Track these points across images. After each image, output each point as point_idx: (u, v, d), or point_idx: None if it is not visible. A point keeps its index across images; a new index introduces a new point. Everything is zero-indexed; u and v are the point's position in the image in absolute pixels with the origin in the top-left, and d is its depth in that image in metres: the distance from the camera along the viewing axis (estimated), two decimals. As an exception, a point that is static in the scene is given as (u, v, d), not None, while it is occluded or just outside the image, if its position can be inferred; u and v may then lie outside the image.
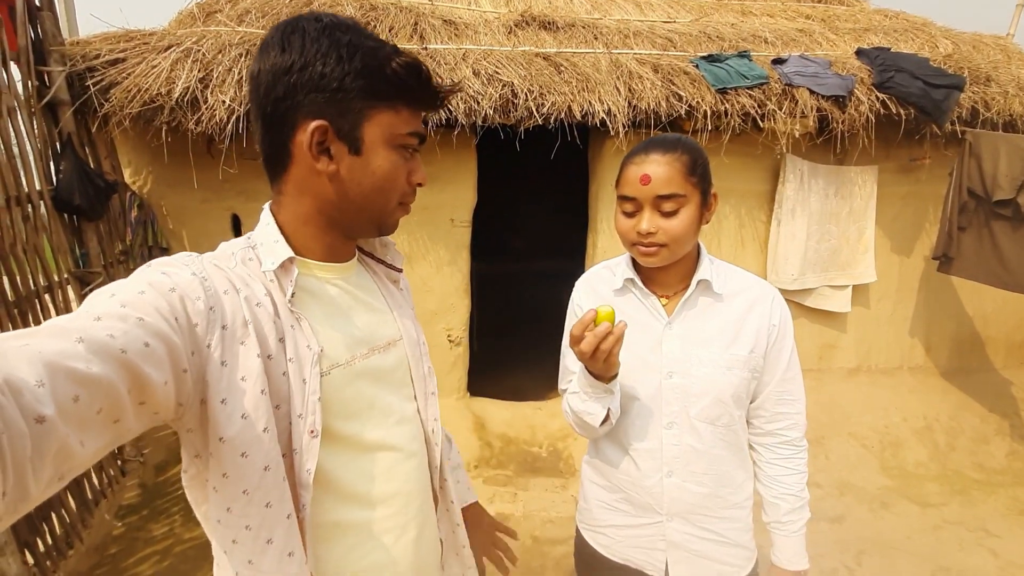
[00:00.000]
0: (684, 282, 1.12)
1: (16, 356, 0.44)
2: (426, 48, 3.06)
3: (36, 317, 2.29)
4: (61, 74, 2.50)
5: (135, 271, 0.65)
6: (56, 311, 2.43)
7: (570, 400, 1.12)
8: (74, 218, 2.60)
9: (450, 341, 3.43)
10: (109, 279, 2.68)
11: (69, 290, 2.55)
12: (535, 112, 2.83)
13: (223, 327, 0.65)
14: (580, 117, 2.88)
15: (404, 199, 0.80)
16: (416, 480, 0.87)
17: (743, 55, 3.20)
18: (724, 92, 3.00)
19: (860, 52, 3.38)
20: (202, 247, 0.75)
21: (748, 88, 3.02)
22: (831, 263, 3.51)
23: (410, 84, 0.73)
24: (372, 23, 3.21)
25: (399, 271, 0.95)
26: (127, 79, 2.64)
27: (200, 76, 2.66)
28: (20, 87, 2.35)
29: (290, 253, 0.73)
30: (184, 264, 0.67)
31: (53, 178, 2.49)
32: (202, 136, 2.73)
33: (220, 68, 2.70)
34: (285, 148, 0.73)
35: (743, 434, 1.16)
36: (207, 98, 2.63)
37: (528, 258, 5.49)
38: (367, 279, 0.89)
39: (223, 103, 2.62)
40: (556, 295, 2.93)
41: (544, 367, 4.19)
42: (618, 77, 2.99)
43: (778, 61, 3.21)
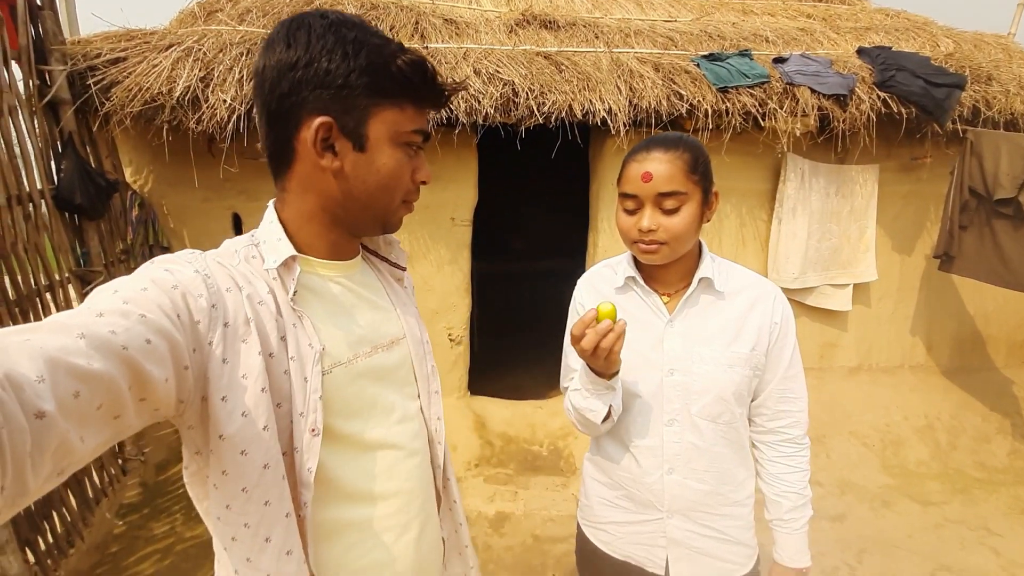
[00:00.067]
0: (686, 280, 1.12)
1: (17, 351, 0.44)
2: (427, 47, 3.06)
3: (37, 316, 2.29)
4: (62, 73, 2.51)
5: (139, 268, 0.65)
6: (57, 310, 2.44)
7: (572, 397, 1.13)
8: (75, 217, 2.61)
9: (451, 340, 3.43)
10: (110, 278, 2.65)
11: (70, 289, 2.56)
12: (536, 111, 2.83)
13: (225, 324, 0.65)
14: (581, 116, 2.87)
15: (408, 197, 0.80)
16: (418, 479, 0.87)
17: (744, 54, 3.19)
18: (725, 91, 2.99)
19: (861, 51, 3.37)
20: (203, 246, 0.74)
21: (749, 87, 3.02)
22: (832, 262, 3.51)
23: (415, 82, 0.73)
24: (373, 22, 3.20)
25: (403, 269, 0.94)
26: (128, 78, 2.64)
27: (201, 75, 2.66)
28: (21, 86, 2.35)
29: (292, 251, 0.73)
30: (187, 261, 0.67)
31: (54, 177, 2.50)
32: (203, 135, 2.74)
33: (221, 67, 2.70)
34: (289, 145, 0.72)
35: (744, 432, 1.16)
36: (208, 97, 2.63)
37: (529, 257, 5.48)
38: (371, 277, 0.89)
39: (224, 102, 2.62)
40: (557, 294, 2.93)
41: (544, 366, 4.21)
42: (619, 76, 2.99)
43: (779, 60, 3.21)
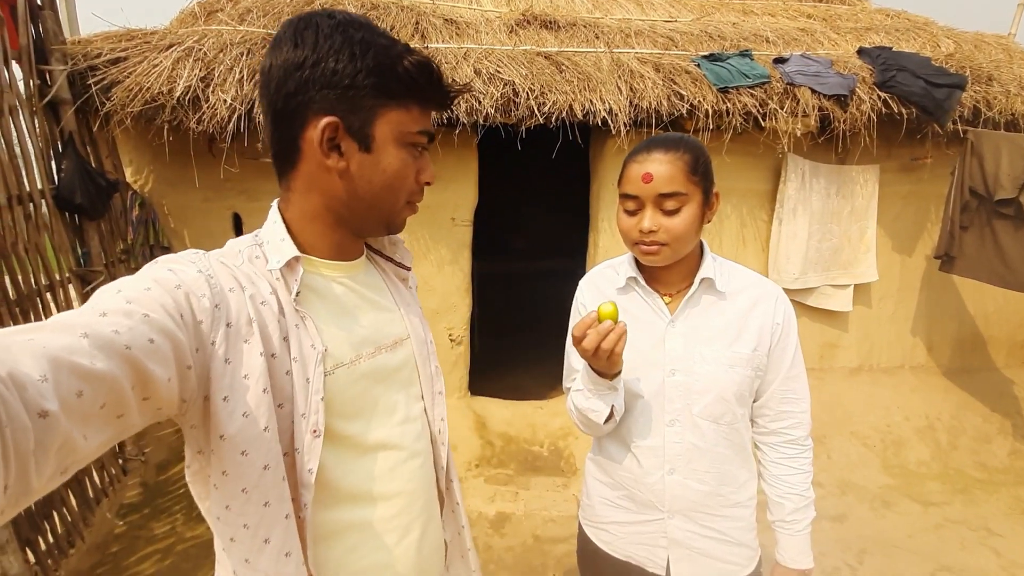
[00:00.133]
0: (687, 280, 1.12)
1: (21, 350, 0.44)
2: (427, 47, 3.06)
3: (37, 316, 2.29)
4: (63, 73, 2.51)
5: (142, 268, 0.65)
6: (57, 310, 2.44)
7: (574, 398, 1.12)
8: (75, 217, 2.61)
9: (451, 340, 3.43)
10: (110, 278, 2.68)
11: (70, 289, 2.56)
12: (536, 111, 2.83)
13: (227, 324, 0.65)
14: (581, 116, 2.87)
15: (412, 198, 0.80)
16: (420, 480, 0.86)
17: (745, 54, 3.19)
18: (726, 91, 2.99)
19: (862, 51, 3.37)
20: (203, 246, 0.74)
21: (750, 87, 3.02)
22: (833, 262, 3.51)
23: (421, 83, 0.73)
24: (374, 22, 3.21)
25: (408, 269, 0.94)
26: (128, 78, 2.64)
27: (201, 75, 2.66)
28: (22, 86, 2.36)
29: (295, 252, 0.72)
30: (190, 261, 0.67)
31: (55, 177, 2.50)
32: (203, 135, 2.74)
33: (221, 67, 2.70)
34: (295, 144, 0.72)
35: (746, 433, 1.15)
36: (208, 97, 2.63)
37: (529, 257, 5.48)
38: (376, 277, 0.88)
39: (224, 102, 2.62)
40: (557, 294, 2.93)
41: (545, 366, 4.21)
42: (619, 76, 2.99)
43: (780, 60, 3.21)
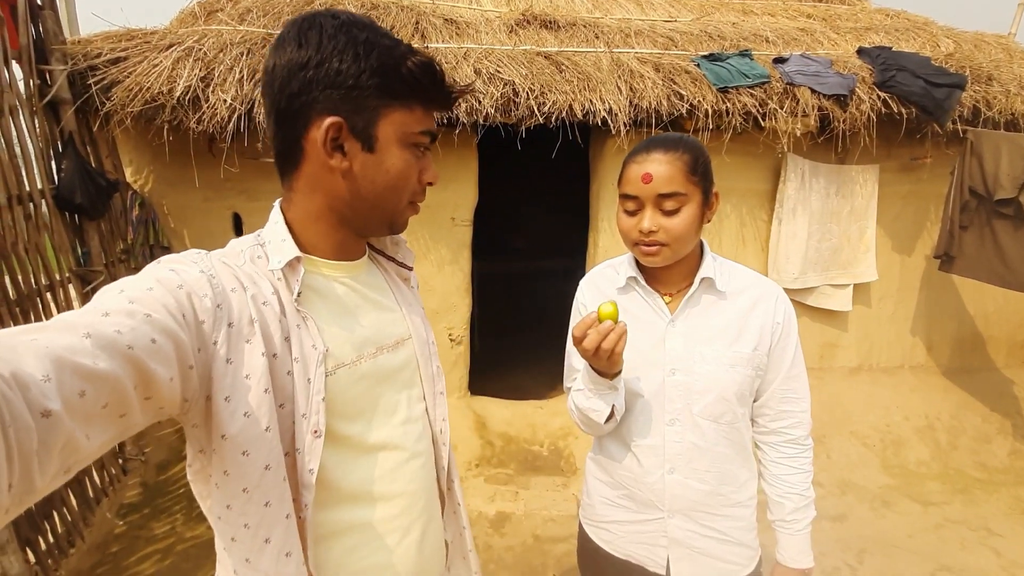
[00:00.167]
0: (687, 280, 1.12)
1: (24, 350, 0.44)
2: (427, 47, 3.06)
3: (38, 315, 2.29)
4: (63, 73, 2.51)
5: (145, 268, 0.65)
6: (58, 309, 2.44)
7: (575, 397, 1.13)
8: (75, 217, 2.61)
9: (451, 340, 3.43)
10: (110, 278, 2.69)
11: (71, 289, 2.56)
12: (536, 111, 2.83)
13: (229, 324, 0.65)
14: (581, 116, 2.87)
15: (415, 198, 0.80)
16: (421, 480, 0.86)
17: (744, 54, 3.20)
18: (725, 91, 2.99)
19: (861, 51, 3.38)
20: (204, 246, 0.74)
21: (749, 87, 3.02)
22: (832, 262, 3.51)
23: (425, 83, 0.73)
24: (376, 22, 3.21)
25: (410, 269, 0.94)
26: (128, 78, 2.64)
27: (201, 75, 2.66)
28: (22, 86, 2.35)
29: (297, 252, 0.72)
30: (193, 261, 0.67)
31: (55, 177, 2.50)
32: (203, 135, 2.74)
33: (221, 67, 2.70)
34: (298, 144, 0.72)
35: (747, 432, 1.16)
36: (208, 97, 2.63)
37: (529, 257, 5.49)
38: (378, 277, 0.88)
39: (224, 102, 2.62)
40: (557, 294, 2.94)
41: (545, 366, 4.22)
42: (619, 76, 2.99)
43: (779, 60, 3.21)
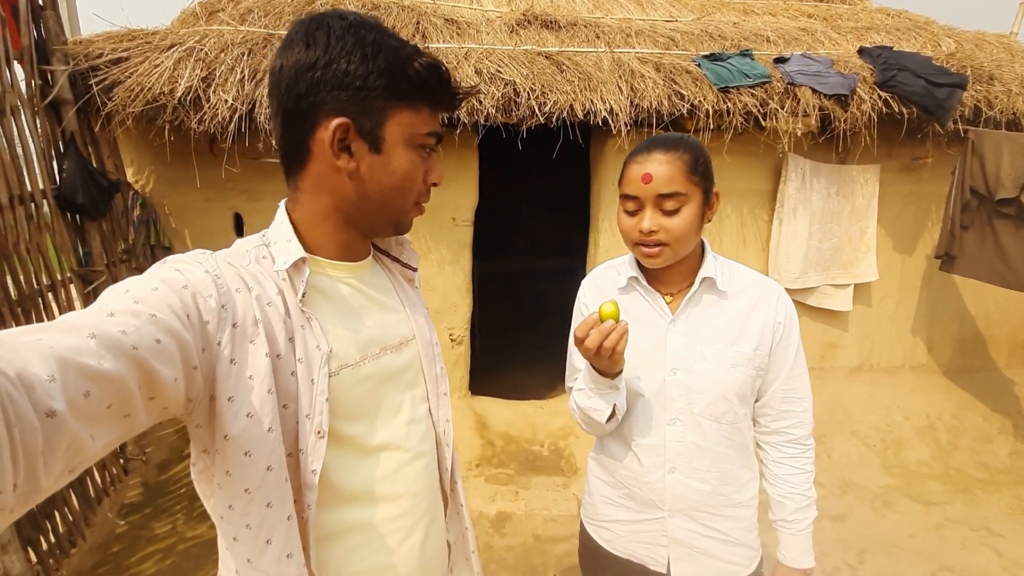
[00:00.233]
0: (688, 279, 1.12)
1: (28, 351, 0.44)
2: (428, 47, 3.06)
3: (39, 316, 2.30)
4: (64, 73, 2.51)
5: (150, 268, 0.65)
6: (59, 310, 2.44)
7: (576, 397, 1.13)
8: (77, 217, 2.61)
9: (452, 340, 3.43)
10: (112, 278, 2.69)
11: (72, 289, 2.56)
12: (537, 111, 2.83)
13: (234, 325, 0.65)
14: (582, 116, 2.88)
15: (420, 198, 0.80)
16: (424, 481, 0.86)
17: (745, 54, 3.20)
18: (726, 91, 2.99)
19: (862, 51, 3.37)
20: (205, 246, 0.75)
21: (750, 87, 3.02)
22: (833, 262, 3.51)
23: (431, 85, 0.74)
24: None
25: (414, 270, 0.94)
26: (130, 78, 2.64)
27: (203, 75, 2.66)
28: (23, 86, 2.36)
29: (302, 253, 0.73)
30: (198, 262, 0.67)
31: (56, 177, 2.50)
32: (205, 135, 2.74)
33: (223, 67, 2.71)
34: (304, 145, 0.72)
35: (748, 432, 1.16)
36: (209, 97, 2.64)
37: (530, 257, 5.49)
38: (382, 277, 0.89)
39: (225, 102, 2.63)
40: (558, 294, 2.94)
41: (545, 366, 4.22)
42: (620, 76, 2.99)
43: (780, 60, 3.21)
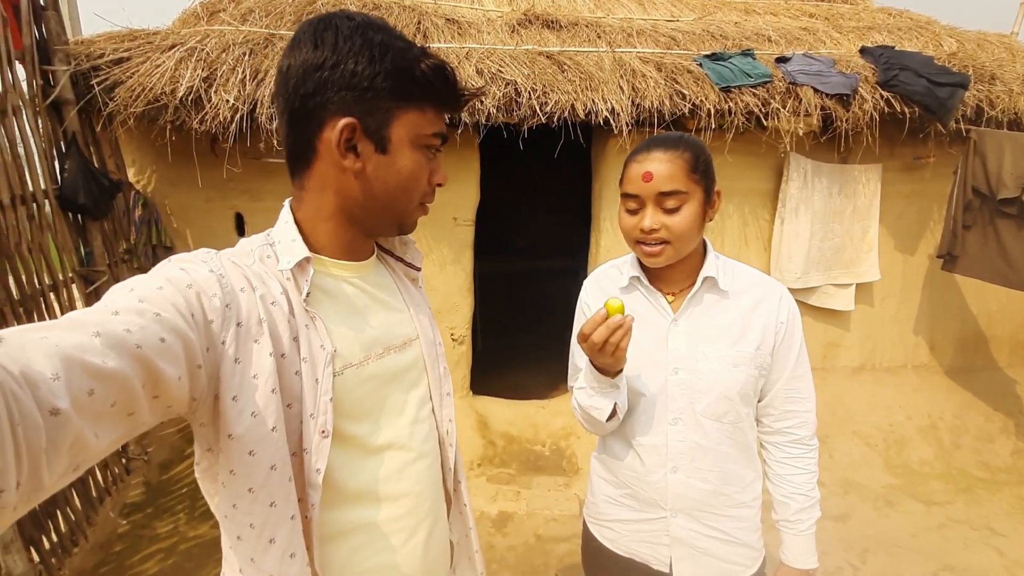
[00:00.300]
0: (690, 279, 1.12)
1: (34, 349, 0.44)
2: (429, 47, 3.06)
3: (41, 315, 2.30)
4: (65, 73, 2.51)
5: (155, 267, 0.65)
6: (61, 309, 2.44)
7: (577, 395, 1.13)
8: (78, 217, 2.62)
9: (453, 340, 3.43)
10: (113, 278, 2.69)
11: (73, 288, 2.56)
12: (538, 111, 2.83)
13: (238, 324, 0.66)
14: (583, 116, 2.87)
15: (424, 199, 0.81)
16: (427, 481, 0.86)
17: (747, 53, 3.19)
18: (728, 91, 2.99)
19: (864, 50, 3.37)
20: (206, 246, 0.75)
21: (752, 87, 3.02)
22: (835, 262, 3.50)
23: (437, 86, 0.74)
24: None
25: (418, 270, 0.94)
26: (131, 78, 2.64)
27: (204, 75, 2.66)
28: (25, 86, 2.36)
29: (306, 252, 0.73)
30: (202, 261, 0.67)
31: (58, 177, 2.50)
32: (206, 135, 2.74)
33: (224, 67, 2.71)
34: (310, 144, 0.73)
35: (751, 432, 1.15)
36: (211, 97, 2.64)
37: (531, 257, 5.49)
38: (386, 277, 0.89)
39: (227, 102, 2.63)
40: (559, 293, 2.94)
41: (547, 365, 4.22)
42: (621, 76, 2.99)
43: (782, 59, 3.21)
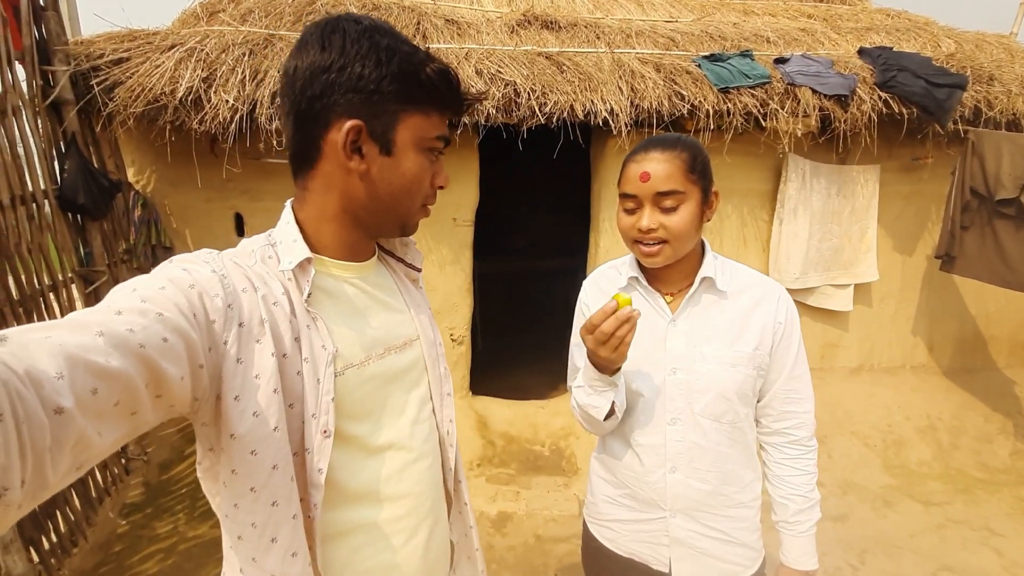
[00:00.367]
0: (688, 279, 1.12)
1: (38, 348, 0.45)
2: (428, 47, 3.06)
3: (40, 316, 2.30)
4: (65, 74, 2.51)
5: (157, 267, 0.66)
6: (60, 310, 2.45)
7: (576, 394, 1.13)
8: (78, 217, 2.62)
9: (453, 340, 3.43)
10: (113, 278, 2.69)
11: (73, 289, 2.56)
12: (537, 111, 2.84)
13: (240, 324, 0.66)
14: (582, 116, 2.88)
15: (427, 201, 0.82)
16: (428, 481, 0.87)
17: (745, 54, 3.20)
18: (726, 91, 3.00)
19: (862, 51, 3.38)
20: (206, 246, 0.75)
21: (750, 87, 3.03)
22: (833, 262, 3.51)
23: (441, 90, 0.75)
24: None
25: (418, 270, 0.95)
26: (131, 78, 2.64)
27: (203, 75, 2.66)
28: (25, 86, 2.36)
29: (308, 253, 0.73)
30: (204, 261, 0.68)
31: (57, 177, 2.50)
32: (205, 135, 2.74)
33: (223, 67, 2.71)
34: (316, 145, 0.73)
35: (751, 433, 1.16)
36: (210, 97, 2.64)
37: (530, 257, 5.49)
38: (387, 278, 0.89)
39: (226, 102, 2.63)
40: (559, 294, 2.94)
41: (546, 366, 4.22)
42: (620, 76, 2.99)
43: (780, 60, 3.21)
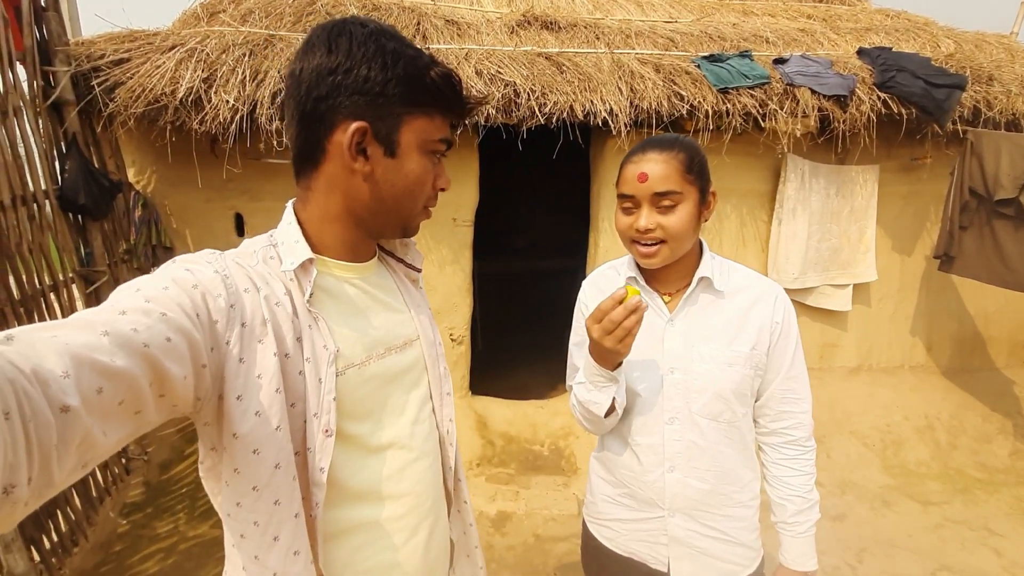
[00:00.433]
0: (686, 279, 1.13)
1: (44, 347, 0.45)
2: (428, 48, 3.07)
3: (41, 316, 2.30)
4: (66, 74, 2.52)
5: (160, 267, 0.66)
6: (61, 310, 2.45)
7: (576, 391, 1.13)
8: (79, 217, 2.62)
9: (452, 340, 3.44)
10: (113, 278, 2.70)
11: (74, 289, 2.57)
12: (537, 112, 2.84)
13: (242, 324, 0.67)
14: (582, 117, 2.88)
15: (428, 203, 0.82)
16: (428, 480, 0.87)
17: (745, 55, 3.21)
18: (726, 92, 3.00)
19: (861, 52, 3.38)
20: (206, 246, 0.76)
21: (750, 88, 3.03)
22: (832, 262, 3.52)
23: (446, 94, 0.76)
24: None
25: (418, 271, 0.96)
26: (131, 79, 2.65)
27: (204, 76, 2.67)
28: (26, 87, 2.37)
29: (310, 254, 0.74)
30: (207, 262, 0.69)
31: (58, 177, 2.51)
32: (206, 136, 2.75)
33: (224, 68, 2.72)
34: (320, 146, 0.74)
35: (749, 433, 1.16)
36: (211, 98, 2.65)
37: (530, 257, 5.50)
38: (387, 278, 0.90)
39: (227, 103, 2.63)
40: (558, 294, 2.95)
41: (546, 365, 4.23)
42: (620, 77, 3.00)
43: (779, 61, 3.22)
